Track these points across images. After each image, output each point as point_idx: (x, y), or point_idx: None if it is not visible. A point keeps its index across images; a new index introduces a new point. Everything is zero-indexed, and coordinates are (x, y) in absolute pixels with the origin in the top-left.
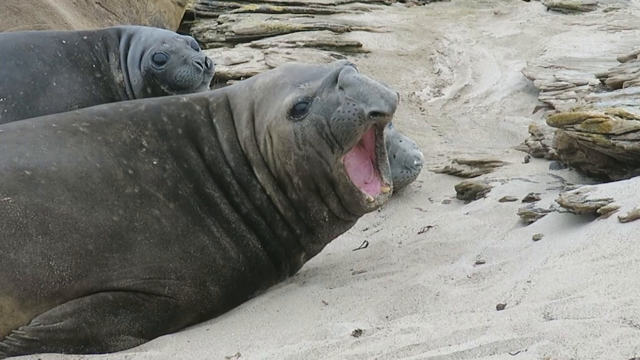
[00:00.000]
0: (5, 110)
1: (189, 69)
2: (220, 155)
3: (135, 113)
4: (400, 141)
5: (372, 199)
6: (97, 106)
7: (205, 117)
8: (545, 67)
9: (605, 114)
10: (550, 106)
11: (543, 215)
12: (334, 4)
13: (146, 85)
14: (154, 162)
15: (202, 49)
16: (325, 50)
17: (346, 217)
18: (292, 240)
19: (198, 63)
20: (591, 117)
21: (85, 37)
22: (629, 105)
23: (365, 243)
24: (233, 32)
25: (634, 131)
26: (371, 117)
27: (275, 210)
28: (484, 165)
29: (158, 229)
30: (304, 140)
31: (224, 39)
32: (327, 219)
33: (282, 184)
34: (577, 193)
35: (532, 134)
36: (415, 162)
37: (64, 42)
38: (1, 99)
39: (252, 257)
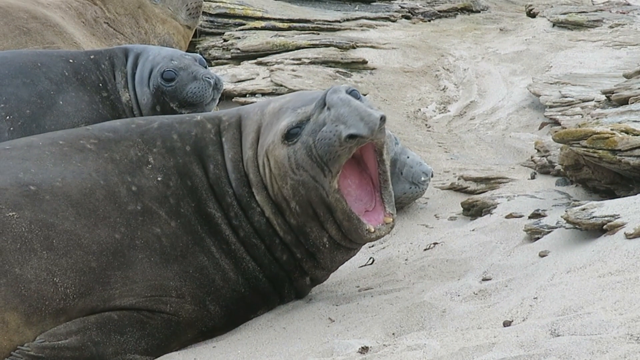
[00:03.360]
0: (12, 129)
1: (200, 84)
2: (223, 174)
3: (146, 130)
4: (408, 157)
5: (373, 229)
6: (110, 122)
7: (215, 136)
8: (551, 84)
9: (611, 130)
10: (556, 122)
11: (549, 232)
12: (339, 21)
13: (155, 104)
14: (159, 179)
15: (208, 66)
16: (330, 67)
17: (347, 244)
18: (292, 264)
19: (208, 79)
20: (597, 133)
21: (92, 57)
22: (635, 121)
23: (372, 260)
24: (239, 49)
25: None
26: (348, 139)
27: (275, 233)
28: (490, 182)
29: (158, 247)
30: (297, 165)
31: (229, 56)
32: (327, 245)
33: (280, 207)
34: (584, 209)
35: (538, 150)
36: (422, 178)
37: (70, 61)
38: (7, 117)
39: (251, 279)
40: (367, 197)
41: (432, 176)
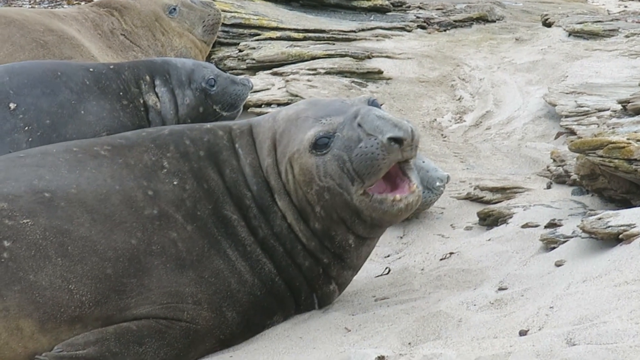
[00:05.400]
0: (30, 139)
1: (240, 87)
2: (241, 178)
3: (157, 137)
4: (423, 162)
5: (400, 197)
6: (121, 133)
7: (228, 142)
8: (567, 93)
9: (627, 139)
10: (572, 132)
11: (565, 241)
12: (354, 31)
13: (198, 105)
14: (174, 182)
15: None
16: (346, 77)
17: (374, 233)
18: (316, 271)
19: (245, 82)
20: (613, 143)
21: (111, 67)
22: None
23: (388, 270)
24: (254, 59)
25: None
26: (391, 143)
27: (296, 239)
28: (506, 192)
29: (174, 252)
30: (325, 174)
31: (245, 66)
32: (353, 244)
33: (304, 212)
34: (600, 219)
35: (554, 160)
36: (437, 184)
37: (91, 70)
38: (26, 128)
39: (267, 281)
40: (388, 182)
41: (447, 181)
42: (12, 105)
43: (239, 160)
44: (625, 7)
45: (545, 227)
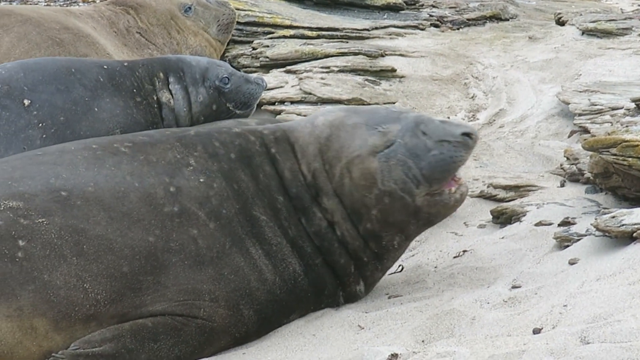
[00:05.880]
0: (44, 136)
1: (254, 86)
2: (274, 183)
3: (183, 136)
4: None
5: (454, 189)
6: (143, 131)
7: (261, 147)
8: (580, 92)
9: None
10: (586, 130)
11: (579, 240)
12: (368, 29)
13: (212, 103)
14: (201, 180)
15: None
16: (359, 75)
17: (419, 233)
18: (348, 270)
19: (259, 81)
20: (627, 141)
21: (125, 64)
22: None
23: (401, 267)
24: (267, 57)
25: None
26: (465, 138)
27: (336, 237)
28: (520, 190)
29: (194, 249)
30: (389, 178)
31: (258, 64)
32: (396, 246)
33: (357, 214)
34: (613, 217)
35: (568, 158)
36: None
37: (105, 67)
38: (40, 125)
39: (289, 280)
40: None
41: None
42: (26, 102)
43: (276, 165)
44: (639, 5)
45: (559, 225)
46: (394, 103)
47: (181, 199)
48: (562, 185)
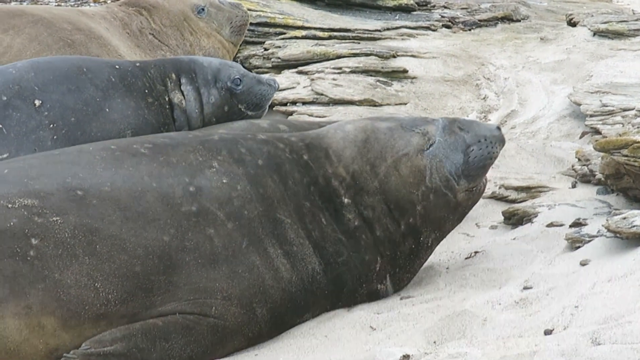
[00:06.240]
0: (55, 137)
1: (266, 87)
2: (302, 189)
3: (207, 140)
4: None
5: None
6: (165, 134)
7: (291, 154)
8: (592, 93)
9: None
10: (597, 131)
11: (590, 241)
12: (379, 30)
13: (224, 104)
14: (224, 181)
15: None
16: (371, 76)
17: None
18: (372, 265)
19: (270, 82)
20: (638, 142)
21: (137, 64)
22: None
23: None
24: (279, 58)
25: None
26: (499, 131)
27: (367, 234)
28: (531, 191)
29: (209, 248)
30: (435, 176)
31: (270, 65)
32: (430, 243)
33: (401, 209)
34: (624, 218)
35: (579, 159)
36: None
37: (117, 67)
38: (51, 125)
39: (306, 279)
40: None
41: None
42: (37, 102)
43: (309, 171)
44: None
45: (570, 226)
46: (405, 104)
47: (200, 198)
48: (574, 187)
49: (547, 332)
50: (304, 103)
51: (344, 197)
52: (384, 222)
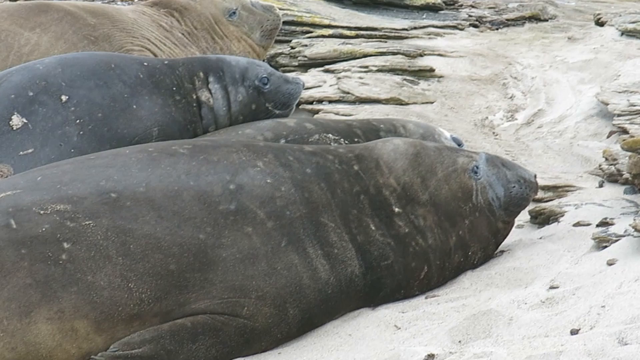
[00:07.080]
0: (81, 133)
1: (293, 86)
2: (350, 198)
3: (252, 144)
4: None
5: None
6: (205, 136)
7: (340, 165)
8: (620, 92)
9: None
10: (625, 131)
11: (617, 240)
12: (407, 29)
13: (251, 102)
14: (268, 181)
15: None
16: (398, 74)
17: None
18: (417, 273)
19: (298, 81)
20: None
21: (166, 62)
22: None
23: None
24: (306, 56)
25: None
26: (535, 177)
27: (416, 241)
28: (558, 190)
29: (247, 244)
30: (481, 196)
31: (296, 63)
32: (476, 262)
33: (451, 220)
34: None
35: (606, 159)
36: None
37: (145, 63)
38: (78, 121)
39: (344, 280)
40: None
41: None
42: (64, 98)
43: (359, 181)
44: None
45: (597, 225)
46: (432, 103)
47: (240, 197)
48: (601, 186)
49: (574, 332)
50: (330, 101)
51: (394, 207)
52: (436, 231)
